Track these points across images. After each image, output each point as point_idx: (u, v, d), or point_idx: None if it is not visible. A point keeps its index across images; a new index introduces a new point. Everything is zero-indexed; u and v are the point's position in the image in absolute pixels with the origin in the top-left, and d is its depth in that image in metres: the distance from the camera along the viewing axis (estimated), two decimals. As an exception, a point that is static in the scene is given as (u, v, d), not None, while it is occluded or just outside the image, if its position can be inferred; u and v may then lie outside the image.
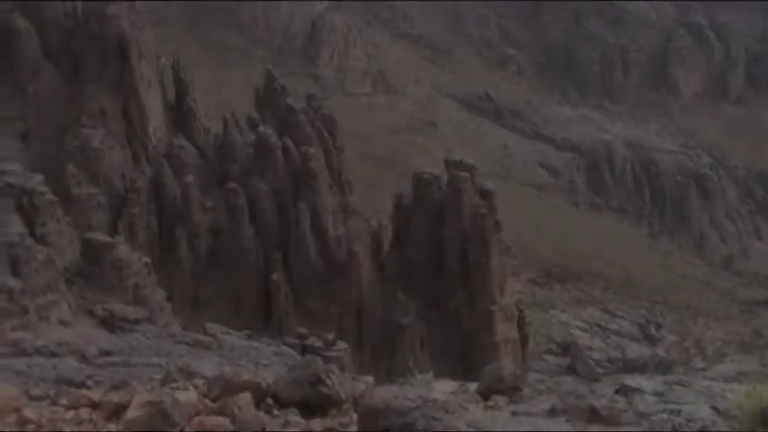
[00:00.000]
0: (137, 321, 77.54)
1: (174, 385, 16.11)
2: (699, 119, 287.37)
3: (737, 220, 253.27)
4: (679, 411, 14.67)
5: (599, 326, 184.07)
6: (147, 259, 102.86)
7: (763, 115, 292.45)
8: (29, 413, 14.00)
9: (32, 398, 14.82)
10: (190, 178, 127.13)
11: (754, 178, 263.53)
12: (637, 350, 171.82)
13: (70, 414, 14.25)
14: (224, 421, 13.54)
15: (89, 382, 16.85)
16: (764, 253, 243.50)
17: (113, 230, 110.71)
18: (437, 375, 22.97)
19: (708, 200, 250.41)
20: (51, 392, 15.18)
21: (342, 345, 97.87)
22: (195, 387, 15.67)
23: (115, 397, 14.76)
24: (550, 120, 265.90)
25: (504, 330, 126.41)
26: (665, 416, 14.39)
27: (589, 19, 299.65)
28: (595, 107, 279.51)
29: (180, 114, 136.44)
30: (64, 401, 14.76)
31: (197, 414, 13.75)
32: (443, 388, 17.43)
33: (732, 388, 16.39)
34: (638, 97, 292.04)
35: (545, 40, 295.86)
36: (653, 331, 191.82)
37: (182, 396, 14.73)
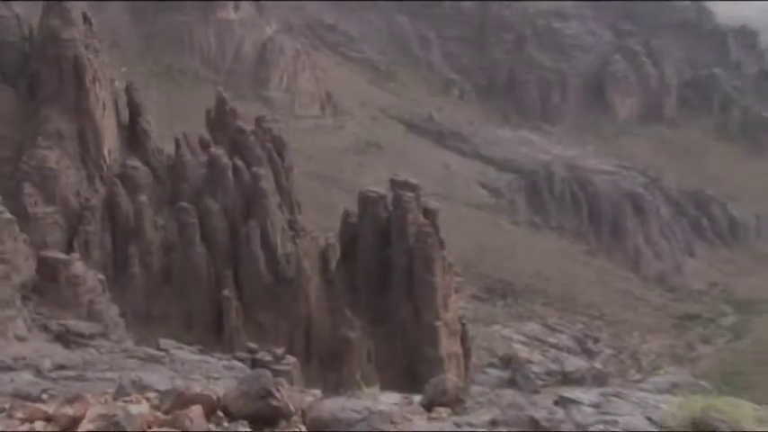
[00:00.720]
0: (91, 336, 77.64)
1: (127, 398, 16.14)
2: (634, 140, 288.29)
3: (671, 238, 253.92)
4: (615, 422, 14.84)
5: (539, 340, 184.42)
6: (101, 276, 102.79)
7: (695, 136, 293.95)
8: (-13, 424, 14.23)
9: (-9, 411, 15.00)
10: (143, 197, 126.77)
11: (686, 197, 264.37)
12: (575, 363, 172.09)
13: (25, 427, 14.32)
14: (175, 433, 13.79)
15: (44, 396, 16.84)
16: (697, 269, 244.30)
17: (69, 248, 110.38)
18: (383, 388, 22.99)
19: (642, 218, 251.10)
20: (7, 406, 15.26)
21: (291, 359, 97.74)
22: (148, 400, 15.67)
23: (70, 410, 14.81)
24: (491, 141, 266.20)
25: (448, 344, 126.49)
26: (601, 426, 14.53)
27: (529, 44, 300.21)
28: (535, 129, 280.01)
29: (133, 135, 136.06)
30: (20, 415, 14.82)
31: (149, 426, 13.81)
32: (388, 400, 17.47)
33: (666, 399, 16.51)
34: (576, 119, 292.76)
35: (487, 64, 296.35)
36: (590, 345, 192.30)
37: (134, 409, 14.77)
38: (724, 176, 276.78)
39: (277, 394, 15.12)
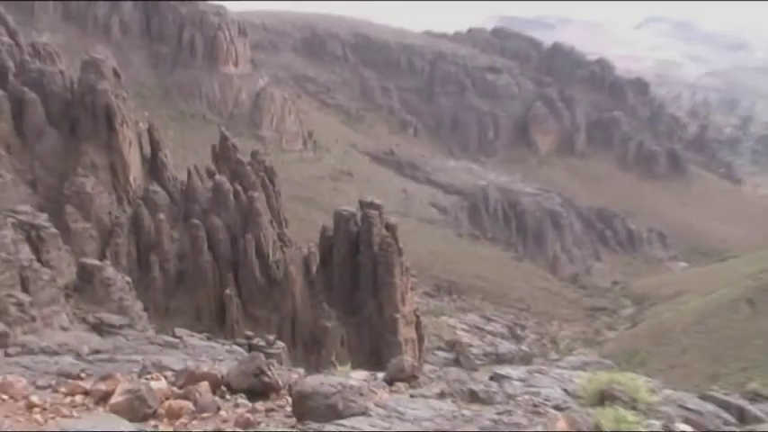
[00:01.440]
0: (120, 327, 77.44)
1: (149, 376, 16.15)
2: (552, 169, 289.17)
3: (582, 246, 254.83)
4: (538, 393, 15.08)
5: (477, 328, 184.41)
6: (128, 278, 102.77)
7: (600, 166, 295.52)
8: (35, 399, 14.07)
9: (38, 387, 14.84)
10: (161, 216, 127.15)
11: (594, 214, 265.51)
12: (506, 346, 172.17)
13: (68, 399, 14.33)
14: (188, 404, 13.66)
15: (83, 375, 16.70)
16: (602, 271, 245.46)
17: (102, 256, 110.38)
18: (353, 367, 22.85)
19: (559, 231, 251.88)
20: (53, 383, 15.17)
21: (280, 344, 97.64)
22: (165, 378, 15.73)
23: (103, 386, 14.82)
24: (440, 169, 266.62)
25: (405, 332, 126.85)
26: (527, 396, 14.72)
27: (469, 93, 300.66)
28: (474, 160, 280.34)
29: (154, 166, 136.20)
30: (63, 390, 14.77)
31: (167, 399, 13.87)
32: (358, 377, 17.53)
33: (578, 375, 16.63)
34: (507, 153, 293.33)
35: (435, 109, 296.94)
36: (518, 331, 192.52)
37: (155, 385, 14.80)
38: (623, 197, 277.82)
39: (269, 372, 15.39)
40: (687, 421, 14.32)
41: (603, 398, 13.34)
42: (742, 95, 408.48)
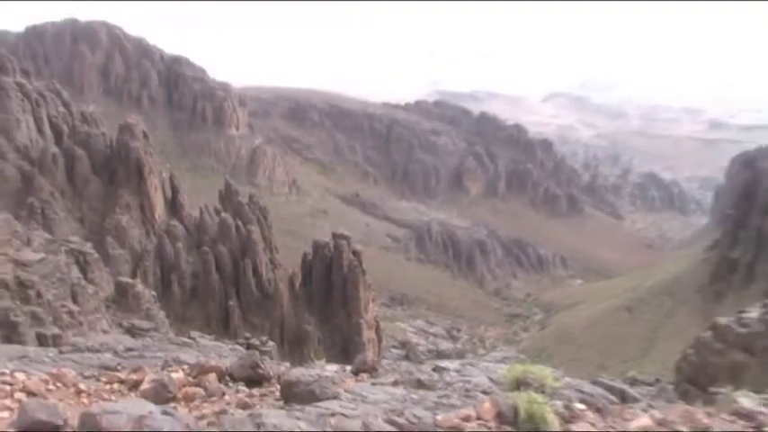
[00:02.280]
0: (147, 330, 77.17)
1: (170, 369, 16.33)
2: (480, 208, 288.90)
3: (502, 267, 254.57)
4: (469, 381, 15.41)
5: (423, 330, 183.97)
6: (153, 293, 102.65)
7: (516, 207, 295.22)
8: (82, 386, 14.27)
9: (84, 377, 14.96)
10: (179, 244, 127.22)
11: (512, 243, 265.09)
12: (445, 345, 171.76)
13: (107, 387, 14.53)
14: (199, 390, 13.88)
15: (119, 368, 16.74)
16: (518, 287, 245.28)
17: (134, 275, 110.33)
18: (328, 361, 22.87)
19: (485, 256, 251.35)
20: (96, 374, 15.35)
21: (271, 343, 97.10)
22: (182, 370, 15.88)
23: (134, 376, 15.02)
24: (394, 209, 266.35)
25: (368, 334, 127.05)
26: (461, 384, 15.02)
27: (416, 150, 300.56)
28: (420, 201, 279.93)
29: (174, 206, 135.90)
30: (104, 379, 14.91)
31: (183, 386, 14.04)
32: (331, 369, 17.78)
33: (500, 367, 16.90)
34: (445, 195, 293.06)
35: (391, 162, 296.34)
36: (454, 333, 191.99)
37: (174, 375, 15.01)
38: (534, 230, 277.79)
39: (262, 366, 15.62)
40: (582, 401, 14.52)
41: (519, 384, 13.56)
42: (622, 152, 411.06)
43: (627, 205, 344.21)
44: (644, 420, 13.01)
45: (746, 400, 15.90)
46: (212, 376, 15.15)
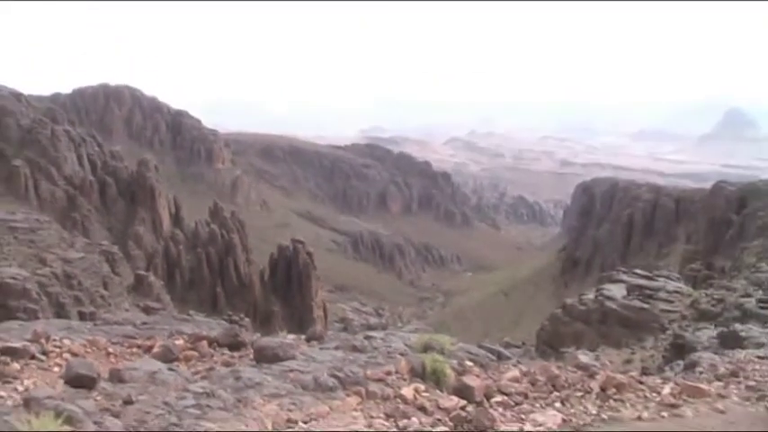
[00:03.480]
0: (158, 310, 76.42)
1: (174, 338, 16.27)
2: (399, 222, 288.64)
3: (416, 265, 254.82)
4: (390, 346, 15.26)
5: (358, 310, 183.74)
6: (162, 282, 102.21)
7: (426, 222, 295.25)
8: (111, 350, 14.18)
9: (113, 343, 14.82)
10: (181, 247, 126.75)
11: (422, 246, 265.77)
12: (373, 320, 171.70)
13: (129, 350, 14.45)
14: (195, 353, 13.79)
15: (137, 336, 16.72)
16: (426, 279, 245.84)
17: (148, 270, 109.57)
18: (288, 332, 22.91)
19: (402, 256, 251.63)
20: (121, 341, 15.34)
21: (247, 319, 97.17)
22: (183, 339, 15.79)
23: (148, 343, 14.94)
24: (338, 221, 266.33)
25: (317, 312, 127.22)
26: (385, 348, 14.85)
27: (353, 179, 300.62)
28: (355, 216, 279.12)
29: (177, 220, 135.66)
30: (126, 345, 14.90)
31: (183, 350, 13.96)
32: (290, 337, 17.74)
33: (413, 335, 16.99)
34: (373, 213, 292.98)
35: (334, 188, 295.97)
36: (380, 312, 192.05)
37: (177, 342, 15.00)
38: (437, 237, 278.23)
39: (240, 335, 15.57)
40: (471, 360, 14.65)
41: (426, 348, 13.61)
42: (500, 182, 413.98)
43: (503, 219, 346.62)
44: (514, 372, 13.18)
45: (584, 357, 16.27)
46: (204, 343, 15.12)
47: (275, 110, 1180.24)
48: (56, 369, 12.04)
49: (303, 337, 17.76)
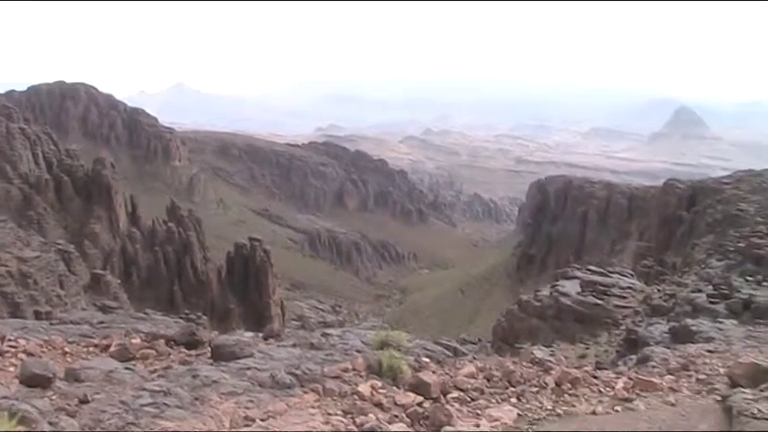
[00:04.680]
0: (114, 308, 76.05)
1: (131, 337, 16.23)
2: (355, 219, 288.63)
3: (372, 261, 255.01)
4: (347, 343, 15.42)
5: (315, 308, 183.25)
6: (119, 281, 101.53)
7: (383, 218, 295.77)
8: (67, 349, 14.13)
9: (69, 342, 14.74)
10: (137, 246, 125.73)
11: (379, 244, 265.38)
12: (330, 317, 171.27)
13: (85, 349, 14.38)
14: (152, 352, 13.81)
15: (93, 335, 16.57)
16: (382, 276, 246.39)
17: (104, 268, 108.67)
18: (246, 330, 22.98)
19: (360, 253, 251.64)
20: (77, 340, 15.25)
21: (204, 318, 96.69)
22: (140, 337, 15.78)
23: (105, 342, 14.93)
24: (294, 219, 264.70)
25: (275, 310, 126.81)
26: (341, 345, 15.04)
27: (310, 177, 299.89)
28: (312, 214, 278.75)
29: (133, 218, 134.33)
30: (82, 344, 14.82)
31: (140, 349, 13.95)
32: (248, 335, 17.77)
33: (369, 333, 17.01)
34: (330, 210, 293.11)
35: (291, 186, 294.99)
36: (337, 309, 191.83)
37: (134, 341, 15.01)
38: (394, 235, 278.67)
39: (197, 333, 15.58)
40: (427, 356, 14.78)
41: (383, 345, 13.69)
42: (456, 179, 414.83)
43: (459, 216, 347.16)
44: (470, 368, 13.26)
45: (539, 352, 16.41)
46: (161, 341, 15.11)
47: (232, 107, 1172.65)
48: (11, 369, 11.96)
49: (260, 334, 17.78)
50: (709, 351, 16.44)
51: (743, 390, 10.19)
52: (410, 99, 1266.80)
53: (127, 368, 11.34)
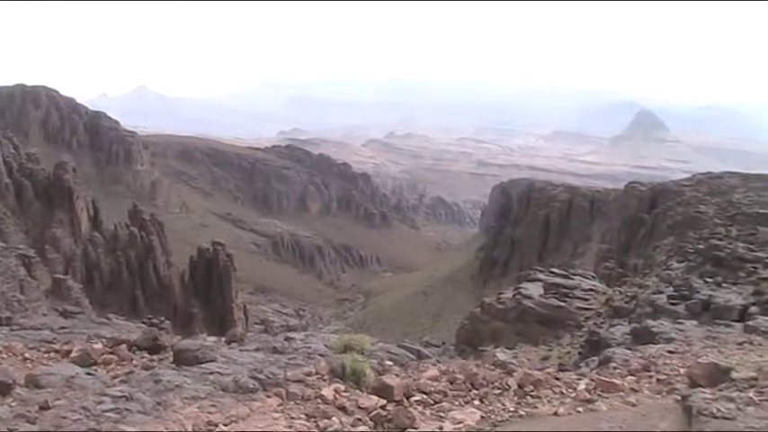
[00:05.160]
0: (76, 313, 75.32)
1: (93, 342, 16.16)
2: (318, 223, 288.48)
3: (335, 265, 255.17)
4: (310, 347, 15.39)
5: (278, 311, 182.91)
6: (81, 286, 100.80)
7: (344, 221, 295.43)
8: (27, 355, 14.06)
9: (29, 348, 14.66)
10: (99, 250, 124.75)
11: (341, 247, 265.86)
12: (293, 321, 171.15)
13: (46, 355, 14.29)
14: (114, 357, 13.81)
15: (55, 341, 16.46)
16: (345, 279, 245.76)
17: (66, 273, 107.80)
18: (208, 335, 22.76)
19: (322, 256, 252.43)
20: (38, 346, 15.14)
21: (167, 322, 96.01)
22: (102, 342, 15.75)
23: (66, 347, 14.86)
24: (257, 223, 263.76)
25: (238, 314, 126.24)
26: (305, 349, 15.03)
27: (273, 180, 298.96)
28: (275, 218, 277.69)
29: (95, 222, 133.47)
30: (43, 350, 14.74)
31: (102, 354, 13.91)
32: (211, 339, 17.74)
33: (333, 336, 17.08)
34: (293, 213, 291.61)
35: (254, 189, 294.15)
36: (301, 313, 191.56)
37: (95, 346, 14.93)
38: (357, 238, 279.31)
39: (160, 338, 15.60)
40: (391, 359, 14.85)
41: (346, 348, 13.75)
42: (419, 183, 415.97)
43: (422, 219, 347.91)
44: (433, 371, 13.31)
45: (502, 354, 16.54)
46: (124, 347, 15.06)
47: (195, 111, 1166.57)
48: (-31, 376, 11.84)
49: (223, 339, 17.80)
50: (670, 352, 16.62)
51: (702, 389, 10.35)
52: (373, 102, 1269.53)
53: (88, 374, 11.27)
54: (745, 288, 39.17)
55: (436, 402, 11.28)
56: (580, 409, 10.85)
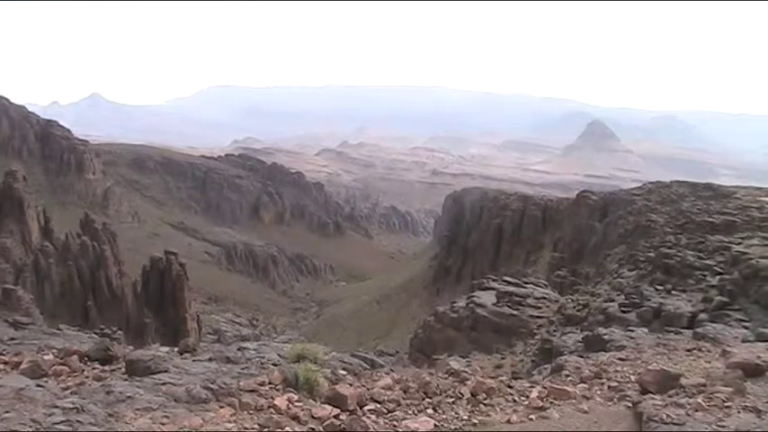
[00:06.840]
0: (26, 324, 73.82)
1: (43, 353, 15.94)
2: (272, 232, 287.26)
3: (289, 274, 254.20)
4: (264, 357, 15.34)
5: (232, 321, 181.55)
6: (31, 296, 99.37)
7: (298, 230, 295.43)
8: (-28, 370, 13.98)
9: (-23, 362, 14.65)
10: (51, 260, 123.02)
11: (295, 257, 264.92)
12: (247, 331, 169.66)
13: (-7, 368, 14.22)
14: (65, 368, 13.53)
15: (4, 353, 16.22)
16: (299, 288, 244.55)
17: (16, 283, 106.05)
18: (161, 345, 22.55)
19: (276, 266, 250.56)
20: None
21: (119, 332, 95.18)
22: (53, 353, 15.51)
23: (16, 359, 14.62)
24: (210, 233, 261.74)
25: (191, 324, 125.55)
26: (258, 359, 14.98)
27: (226, 189, 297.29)
28: (229, 227, 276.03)
29: (46, 232, 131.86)
30: None
31: (53, 365, 13.69)
32: (163, 350, 17.61)
33: (286, 346, 16.99)
34: (246, 223, 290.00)
35: (207, 199, 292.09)
36: (254, 322, 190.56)
37: (46, 357, 14.70)
38: (310, 247, 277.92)
39: (112, 349, 15.32)
40: (344, 368, 14.84)
41: (300, 358, 13.73)
42: (372, 192, 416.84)
43: (376, 228, 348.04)
44: (386, 380, 13.34)
45: (455, 363, 16.59)
46: (75, 357, 14.82)
47: (147, 119, 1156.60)
48: None
49: (176, 349, 17.67)
50: (621, 359, 16.83)
51: (653, 396, 10.55)
52: (327, 112, 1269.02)
53: (39, 385, 11.10)
54: (694, 295, 39.81)
55: (390, 411, 11.30)
56: (533, 416, 10.96)
